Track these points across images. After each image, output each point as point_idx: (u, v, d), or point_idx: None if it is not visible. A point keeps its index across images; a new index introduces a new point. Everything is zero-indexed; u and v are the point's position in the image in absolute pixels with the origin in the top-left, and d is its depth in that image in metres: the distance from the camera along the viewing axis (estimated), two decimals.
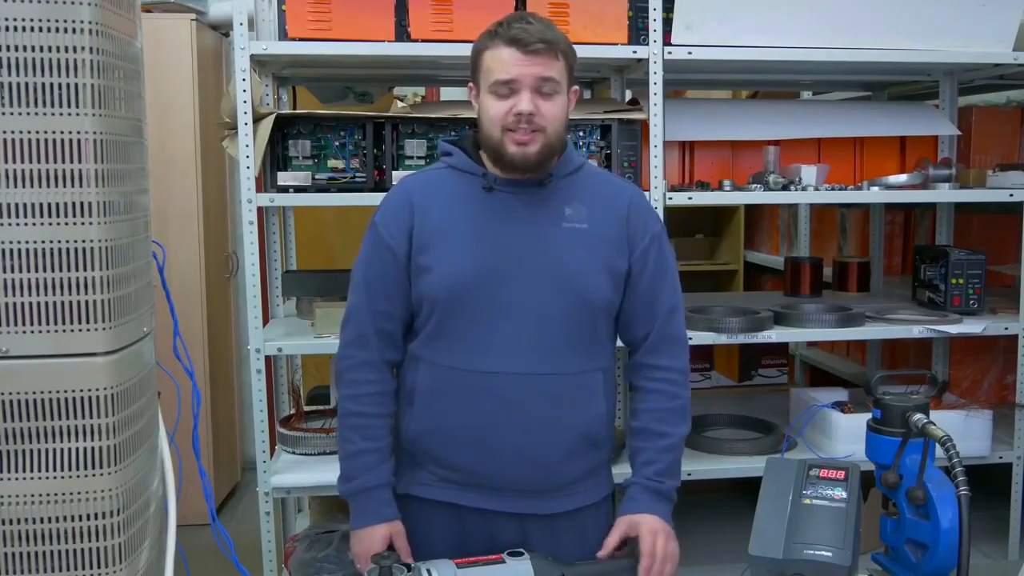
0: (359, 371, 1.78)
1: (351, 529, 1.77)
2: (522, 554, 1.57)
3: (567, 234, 1.72)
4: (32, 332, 1.29)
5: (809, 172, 2.60)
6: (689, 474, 2.55)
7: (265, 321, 2.49)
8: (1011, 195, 2.62)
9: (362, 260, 1.79)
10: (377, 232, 1.77)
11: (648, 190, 2.46)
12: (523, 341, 1.69)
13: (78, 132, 1.28)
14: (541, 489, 1.74)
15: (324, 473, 2.42)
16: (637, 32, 2.45)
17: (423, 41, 2.36)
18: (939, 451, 1.42)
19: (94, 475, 1.32)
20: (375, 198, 2.36)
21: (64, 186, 1.28)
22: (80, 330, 1.31)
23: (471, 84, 1.75)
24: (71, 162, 1.28)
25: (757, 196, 2.63)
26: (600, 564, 1.70)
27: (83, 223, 1.29)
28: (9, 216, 1.27)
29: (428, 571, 1.52)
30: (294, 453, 2.54)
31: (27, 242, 1.28)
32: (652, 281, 1.78)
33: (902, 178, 2.69)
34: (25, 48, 1.25)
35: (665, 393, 1.79)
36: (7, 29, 1.24)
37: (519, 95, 1.64)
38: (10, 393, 1.29)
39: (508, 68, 1.64)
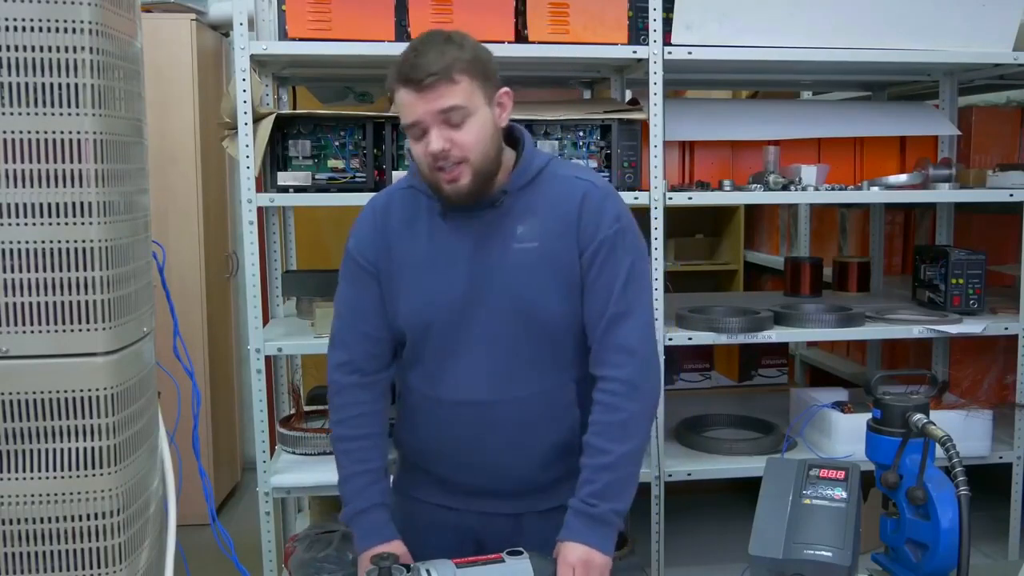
0: (344, 395, 1.78)
1: (358, 554, 1.77)
2: (521, 553, 1.57)
3: (517, 256, 1.67)
4: (32, 332, 1.29)
5: (809, 172, 2.60)
6: (689, 474, 2.56)
7: (265, 321, 2.49)
8: (1011, 195, 2.62)
9: (342, 288, 1.80)
10: (353, 260, 1.77)
11: (648, 190, 2.46)
12: (484, 369, 1.69)
13: (78, 132, 1.28)
14: (526, 491, 1.76)
15: (324, 473, 2.42)
16: (637, 32, 2.45)
17: None
18: (939, 451, 1.42)
19: (94, 475, 1.32)
20: None
21: (64, 186, 1.28)
22: (80, 330, 1.30)
23: None
24: (71, 162, 1.28)
25: (757, 196, 2.63)
26: None
27: (83, 223, 1.29)
28: (9, 216, 1.27)
29: (428, 571, 1.52)
30: (294, 453, 2.54)
31: (27, 242, 1.28)
32: (595, 286, 1.68)
33: (902, 178, 2.69)
34: (25, 48, 1.25)
35: (606, 405, 1.66)
36: (7, 29, 1.24)
37: (428, 135, 1.58)
38: (10, 393, 1.29)
39: (409, 110, 1.58)
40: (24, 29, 1.25)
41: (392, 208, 1.77)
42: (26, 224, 1.27)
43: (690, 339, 2.55)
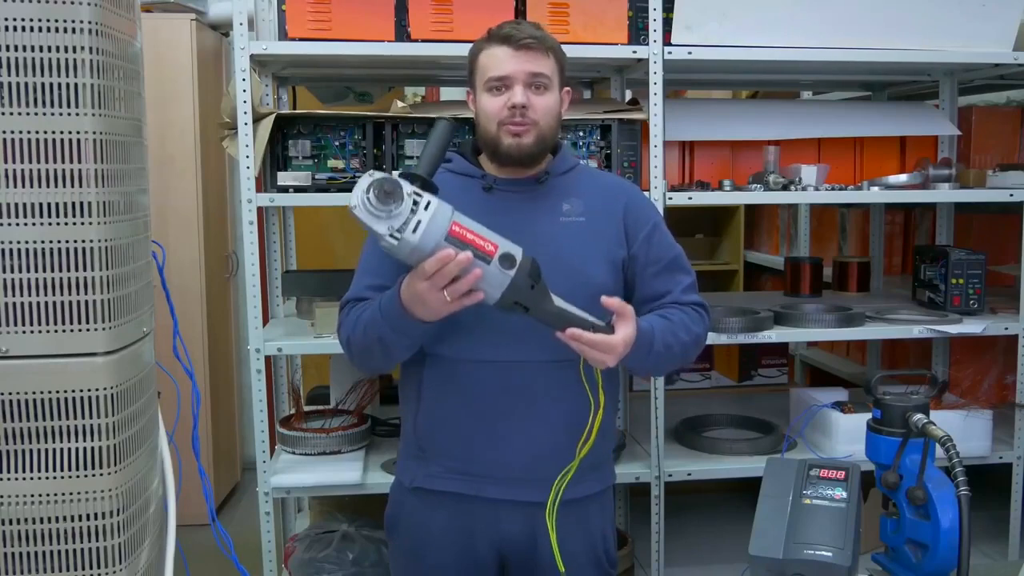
0: (354, 308, 1.75)
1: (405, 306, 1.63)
2: (511, 268, 1.52)
3: (565, 227, 1.76)
4: (32, 332, 1.29)
5: (809, 172, 2.60)
6: (689, 474, 2.56)
7: (265, 321, 2.49)
8: (1011, 195, 2.62)
9: (364, 260, 1.80)
10: None
11: (648, 190, 2.46)
12: (527, 330, 1.68)
13: (78, 132, 1.28)
14: (547, 477, 1.74)
15: (324, 473, 2.43)
16: (637, 32, 2.45)
17: (423, 41, 2.36)
18: (939, 451, 1.42)
19: (94, 475, 1.32)
20: None
21: (64, 186, 1.28)
22: (80, 330, 1.31)
23: (468, 90, 1.81)
24: (71, 162, 1.28)
25: (757, 196, 2.63)
26: (572, 314, 1.59)
27: (83, 223, 1.29)
28: (9, 216, 1.27)
29: (428, 204, 1.46)
30: (294, 453, 2.54)
31: (27, 242, 1.28)
32: (660, 265, 1.80)
33: (902, 178, 2.69)
34: (25, 48, 1.25)
35: (688, 316, 1.78)
36: (7, 29, 1.24)
37: (512, 89, 1.70)
38: (10, 393, 1.29)
39: (501, 65, 1.71)
40: (24, 29, 1.25)
41: None
42: (26, 224, 1.27)
43: None
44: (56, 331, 1.30)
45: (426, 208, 1.47)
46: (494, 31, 1.74)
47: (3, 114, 1.25)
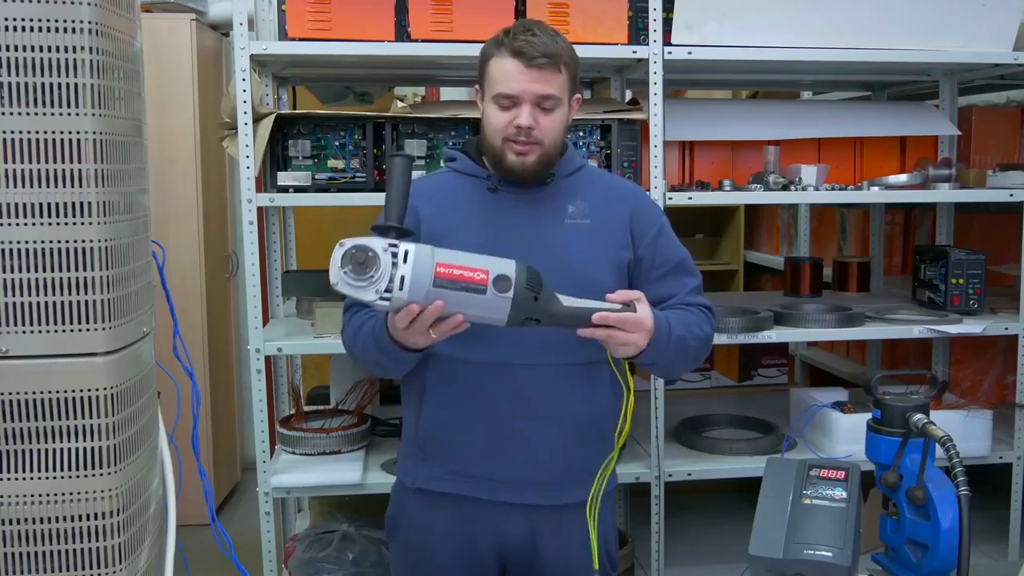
0: (359, 317, 1.74)
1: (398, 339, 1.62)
2: (508, 289, 1.47)
3: (571, 229, 1.75)
4: (32, 332, 1.29)
5: (809, 172, 2.60)
6: (689, 474, 2.56)
7: (265, 321, 2.49)
8: (1011, 195, 2.62)
9: None
10: None
11: (648, 190, 2.46)
12: (530, 332, 1.68)
13: (78, 132, 1.28)
14: (549, 480, 1.75)
15: (324, 473, 2.43)
16: (637, 32, 2.45)
17: (423, 41, 2.36)
18: (939, 451, 1.42)
19: (94, 475, 1.32)
20: (375, 198, 2.37)
21: (64, 186, 1.28)
22: (80, 330, 1.31)
23: (476, 86, 1.78)
24: (71, 162, 1.28)
25: (757, 196, 2.63)
26: (587, 308, 1.56)
27: (83, 223, 1.29)
28: (9, 216, 1.27)
29: (406, 252, 1.41)
30: (294, 453, 2.54)
31: (27, 242, 1.28)
32: (666, 268, 1.80)
33: (902, 178, 2.69)
34: (25, 48, 1.25)
35: (695, 316, 1.77)
36: (7, 29, 1.24)
37: (520, 108, 1.68)
38: (10, 393, 1.29)
39: (511, 82, 1.67)
40: (24, 29, 1.25)
41: (432, 188, 1.80)
42: (26, 224, 1.27)
43: None
44: (56, 331, 1.30)
45: (405, 260, 1.42)
46: (508, 39, 1.67)
47: (3, 114, 1.25)
